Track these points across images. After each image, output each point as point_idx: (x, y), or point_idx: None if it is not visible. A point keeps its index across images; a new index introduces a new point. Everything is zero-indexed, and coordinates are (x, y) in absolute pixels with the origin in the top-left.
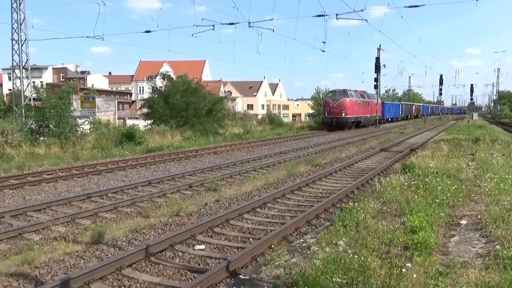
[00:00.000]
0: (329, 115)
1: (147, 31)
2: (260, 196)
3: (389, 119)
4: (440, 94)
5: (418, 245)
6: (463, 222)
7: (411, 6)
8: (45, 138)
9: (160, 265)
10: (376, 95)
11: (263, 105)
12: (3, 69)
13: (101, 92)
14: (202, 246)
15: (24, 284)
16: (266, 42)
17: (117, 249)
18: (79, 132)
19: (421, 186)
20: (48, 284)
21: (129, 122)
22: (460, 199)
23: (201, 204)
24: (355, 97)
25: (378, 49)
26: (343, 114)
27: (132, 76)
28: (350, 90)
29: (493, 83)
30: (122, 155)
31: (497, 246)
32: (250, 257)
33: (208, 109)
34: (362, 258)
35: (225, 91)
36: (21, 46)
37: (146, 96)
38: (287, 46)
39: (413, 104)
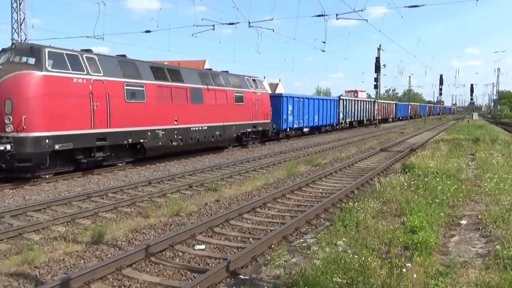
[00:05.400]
0: None
1: (147, 31)
2: (260, 196)
3: (293, 129)
4: (440, 94)
5: (418, 245)
6: (463, 222)
7: (411, 6)
8: None
9: (160, 265)
10: (247, 77)
11: None
12: None
13: None
14: (202, 246)
15: (24, 284)
16: (266, 42)
17: (117, 249)
18: None
19: (421, 186)
20: (48, 284)
21: None
22: (460, 199)
23: (201, 204)
24: (126, 74)
25: (378, 49)
26: (11, 128)
27: None
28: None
29: (493, 83)
30: None
31: (497, 246)
32: (250, 257)
33: None
34: (362, 258)
35: None
36: None
37: None
38: (287, 46)
39: (373, 102)
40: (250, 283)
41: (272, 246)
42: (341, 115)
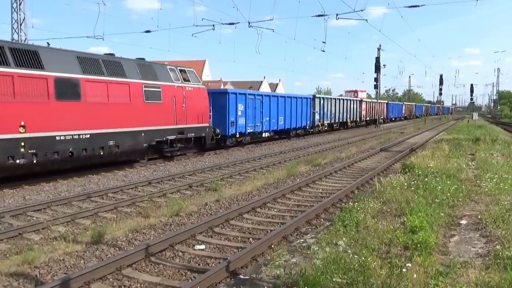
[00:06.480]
0: None
1: (147, 31)
2: (260, 196)
3: (246, 135)
4: (440, 94)
5: (418, 245)
6: (463, 222)
7: (411, 6)
8: None
9: (160, 265)
10: (170, 67)
11: None
12: None
13: None
14: (202, 246)
15: (24, 284)
16: (266, 42)
17: (117, 249)
18: None
19: (421, 186)
20: (48, 284)
21: None
22: (460, 199)
23: (201, 204)
24: None
25: (378, 49)
26: None
27: None
28: None
29: (493, 83)
30: None
31: (497, 246)
32: (250, 257)
33: None
34: (362, 258)
35: None
36: None
37: None
38: (287, 46)
39: (359, 101)
40: (250, 283)
41: (272, 246)
42: (316, 116)
